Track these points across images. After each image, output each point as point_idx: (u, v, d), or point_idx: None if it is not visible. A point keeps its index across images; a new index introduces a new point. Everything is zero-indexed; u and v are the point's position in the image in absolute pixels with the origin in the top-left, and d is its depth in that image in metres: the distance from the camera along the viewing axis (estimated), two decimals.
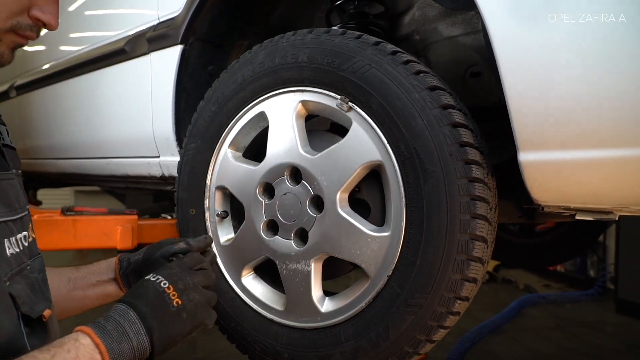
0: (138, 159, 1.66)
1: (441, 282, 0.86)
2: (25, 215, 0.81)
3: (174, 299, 0.74)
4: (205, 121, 1.17)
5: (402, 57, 0.93)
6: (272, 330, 1.07)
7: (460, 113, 0.89)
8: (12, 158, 0.84)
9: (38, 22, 0.76)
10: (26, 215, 0.81)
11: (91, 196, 6.24)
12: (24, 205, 0.81)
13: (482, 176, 0.87)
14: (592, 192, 0.79)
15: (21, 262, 0.76)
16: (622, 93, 0.70)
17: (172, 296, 0.74)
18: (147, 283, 0.76)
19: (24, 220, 0.79)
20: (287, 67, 1.03)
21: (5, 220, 0.73)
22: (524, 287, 4.86)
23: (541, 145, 0.79)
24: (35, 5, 0.75)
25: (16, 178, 0.82)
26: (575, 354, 3.10)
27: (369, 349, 0.93)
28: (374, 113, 0.92)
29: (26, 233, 0.79)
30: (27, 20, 0.75)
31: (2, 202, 0.74)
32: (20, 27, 0.75)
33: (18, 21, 0.74)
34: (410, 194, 0.89)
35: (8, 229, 0.74)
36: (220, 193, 1.18)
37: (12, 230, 0.75)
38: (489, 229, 0.89)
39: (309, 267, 1.00)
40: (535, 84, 0.77)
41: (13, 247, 0.74)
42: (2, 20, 0.72)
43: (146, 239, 1.74)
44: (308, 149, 1.02)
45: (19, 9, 0.74)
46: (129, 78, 1.64)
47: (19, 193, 0.81)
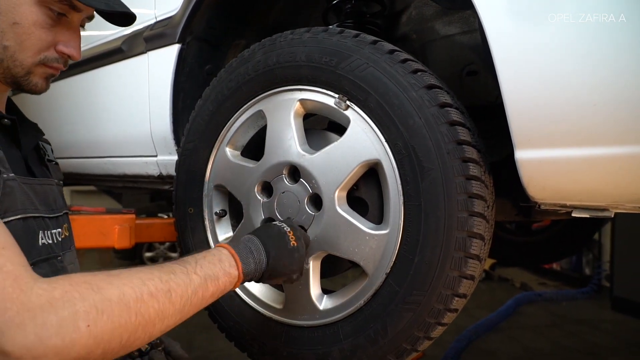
0: (135, 158, 1.66)
1: (439, 280, 0.86)
2: (61, 216, 0.94)
3: (291, 240, 0.90)
4: (203, 120, 1.17)
5: (400, 56, 0.93)
6: (270, 328, 1.07)
7: (457, 111, 0.90)
8: (54, 171, 1.01)
9: (63, 55, 0.89)
10: (62, 217, 0.94)
11: (87, 196, 6.22)
12: (60, 207, 0.95)
13: (480, 174, 0.88)
14: (588, 189, 0.80)
15: (52, 252, 0.87)
16: (618, 91, 0.71)
17: (290, 238, 0.90)
18: (272, 225, 0.92)
19: (59, 220, 0.93)
20: (285, 66, 1.03)
21: (43, 216, 0.86)
22: (520, 285, 4.89)
23: (537, 143, 0.79)
24: (60, 42, 0.87)
25: (56, 186, 0.96)
26: (572, 352, 3.12)
27: (367, 346, 0.94)
28: (372, 111, 0.93)
29: (60, 230, 0.92)
30: (54, 54, 0.87)
31: (43, 201, 0.87)
32: (48, 60, 0.87)
33: (46, 55, 0.86)
34: (408, 192, 0.89)
35: (44, 223, 0.86)
36: (218, 192, 1.18)
37: (47, 225, 0.87)
38: (486, 227, 0.89)
39: (308, 265, 1.00)
40: (531, 82, 0.78)
41: (46, 239, 0.85)
42: (32, 56, 0.85)
43: (144, 238, 1.73)
44: (306, 148, 1.02)
45: (46, 46, 0.86)
46: (126, 77, 1.63)
47: (57, 197, 0.95)
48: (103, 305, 0.59)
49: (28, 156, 0.91)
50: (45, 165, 0.98)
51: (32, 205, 0.83)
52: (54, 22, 0.86)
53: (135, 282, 0.64)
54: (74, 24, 0.90)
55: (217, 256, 0.80)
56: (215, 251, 0.82)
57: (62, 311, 0.56)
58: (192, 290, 0.72)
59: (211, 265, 0.77)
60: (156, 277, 0.67)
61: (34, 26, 0.83)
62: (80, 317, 0.57)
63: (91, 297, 0.59)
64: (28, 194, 0.82)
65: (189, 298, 0.71)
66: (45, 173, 0.95)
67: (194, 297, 0.72)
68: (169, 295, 0.67)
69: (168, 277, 0.69)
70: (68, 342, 0.56)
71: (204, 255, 0.79)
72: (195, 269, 0.74)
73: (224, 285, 0.79)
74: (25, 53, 0.84)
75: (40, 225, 0.84)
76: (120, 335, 0.61)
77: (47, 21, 0.84)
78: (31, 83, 0.87)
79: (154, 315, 0.65)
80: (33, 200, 0.84)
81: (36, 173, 0.91)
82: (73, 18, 0.89)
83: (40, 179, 0.90)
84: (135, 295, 0.63)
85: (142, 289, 0.64)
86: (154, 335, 0.66)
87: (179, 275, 0.71)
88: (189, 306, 0.71)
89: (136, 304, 0.63)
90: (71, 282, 0.60)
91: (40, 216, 0.85)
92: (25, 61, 0.84)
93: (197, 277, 0.73)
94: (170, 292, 0.68)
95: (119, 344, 0.61)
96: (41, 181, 0.90)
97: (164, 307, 0.66)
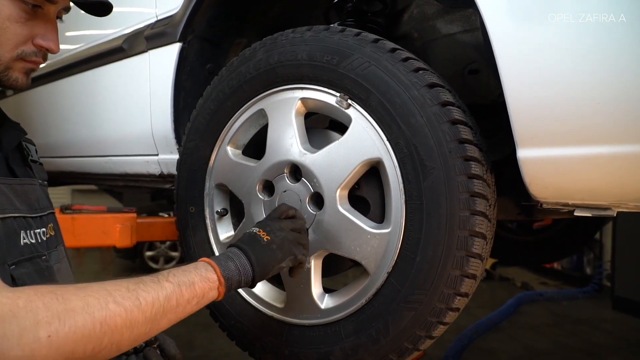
0: (137, 157, 1.66)
1: (441, 279, 0.86)
2: (46, 216, 0.93)
3: (263, 236, 0.90)
4: (205, 119, 1.17)
5: (402, 55, 0.93)
6: (272, 327, 1.07)
7: (459, 110, 0.90)
8: (38, 171, 0.99)
9: (42, 49, 0.87)
10: (47, 216, 0.93)
11: (88, 195, 6.24)
12: (45, 207, 0.93)
13: (481, 173, 0.88)
14: (590, 188, 0.80)
15: (35, 251, 0.86)
16: (622, 90, 0.71)
17: (261, 235, 0.90)
18: (243, 235, 0.93)
19: (43, 219, 0.91)
20: (286, 65, 1.03)
21: (24, 216, 0.85)
22: (521, 285, 4.88)
23: (540, 141, 0.79)
24: (37, 35, 0.85)
25: (39, 186, 0.95)
26: (572, 351, 3.12)
27: (369, 345, 0.93)
28: (374, 110, 0.92)
29: (45, 229, 0.90)
30: (31, 47, 0.86)
31: (24, 201, 0.86)
32: (26, 55, 0.85)
33: (23, 50, 0.85)
34: (410, 191, 0.89)
35: (26, 223, 0.85)
36: (219, 191, 1.18)
37: (30, 224, 0.85)
38: (488, 226, 0.89)
39: (309, 264, 1.00)
40: (534, 80, 0.78)
41: (29, 238, 0.84)
42: (9, 51, 0.83)
43: (145, 237, 1.74)
44: (307, 147, 1.02)
45: (22, 40, 0.84)
46: (127, 76, 1.63)
47: (40, 197, 0.93)
48: (66, 316, 0.58)
49: (9, 156, 0.90)
50: (29, 165, 0.96)
51: (12, 205, 0.82)
52: (29, 16, 0.84)
53: (101, 293, 0.63)
54: (50, 16, 0.88)
55: (192, 265, 0.80)
56: (191, 264, 0.81)
57: (24, 321, 0.55)
58: (165, 297, 0.70)
59: (185, 272, 0.76)
60: (123, 287, 0.66)
61: (9, 21, 0.81)
62: (42, 327, 0.56)
63: (54, 307, 0.58)
64: (7, 194, 0.82)
65: (161, 305, 0.69)
66: (28, 173, 0.94)
67: (166, 304, 0.70)
68: (138, 304, 0.66)
69: (136, 286, 0.68)
70: (28, 352, 0.55)
71: (179, 267, 0.78)
72: (167, 277, 0.73)
73: (201, 291, 0.77)
74: (1, 49, 0.82)
75: (22, 225, 0.83)
76: (84, 346, 0.60)
77: (22, 15, 0.82)
78: (11, 78, 0.86)
79: (120, 325, 0.63)
80: (12, 200, 0.83)
81: (17, 173, 0.90)
82: (49, 10, 0.87)
83: (21, 179, 0.89)
84: (100, 305, 0.62)
85: (107, 298, 0.63)
86: (122, 344, 0.65)
87: (148, 284, 0.70)
88: (162, 314, 0.69)
89: (100, 312, 0.61)
90: (37, 292, 0.59)
91: (21, 216, 0.84)
92: (3, 57, 0.83)
93: (169, 284, 0.72)
94: (139, 299, 0.66)
95: (83, 354, 0.60)
96: (22, 181, 0.89)
97: (132, 316, 0.65)
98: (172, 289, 0.72)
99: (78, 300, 0.60)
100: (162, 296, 0.70)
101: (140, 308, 0.66)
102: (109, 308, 0.63)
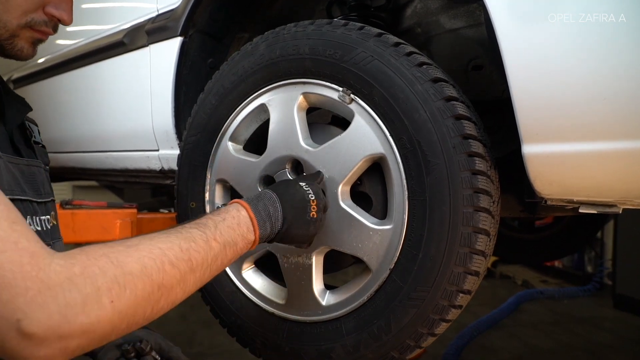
0: (137, 153, 1.65)
1: (444, 275, 0.85)
2: (49, 202, 0.89)
3: (312, 211, 0.87)
4: (206, 114, 1.16)
5: (405, 49, 0.92)
6: (273, 324, 1.07)
7: (463, 105, 0.89)
8: (41, 154, 0.93)
9: (53, 18, 0.81)
10: (50, 203, 0.89)
11: (89, 191, 6.22)
12: (48, 193, 0.89)
13: (485, 169, 0.87)
14: (596, 184, 0.79)
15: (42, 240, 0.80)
16: (628, 86, 0.69)
17: (312, 208, 0.88)
18: (299, 187, 0.89)
19: (47, 206, 0.87)
20: (288, 59, 1.02)
21: (31, 200, 0.80)
22: (522, 283, 4.88)
23: (545, 137, 0.78)
24: (49, 3, 0.79)
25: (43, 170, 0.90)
26: (573, 349, 3.11)
27: (370, 342, 0.93)
28: (377, 105, 0.91)
29: (49, 217, 0.86)
30: (42, 16, 0.80)
31: (30, 184, 0.82)
32: (35, 23, 0.79)
33: (32, 17, 0.79)
34: (413, 187, 0.88)
35: (32, 208, 0.80)
36: (220, 186, 1.17)
37: (35, 210, 0.81)
38: (491, 222, 0.88)
39: (310, 261, 0.99)
40: (540, 75, 0.76)
41: (35, 225, 0.80)
42: (17, 17, 0.77)
43: (145, 232, 1.73)
44: (309, 142, 1.01)
45: (33, 7, 0.78)
46: (128, 71, 1.62)
47: (45, 181, 0.89)
48: (125, 280, 0.57)
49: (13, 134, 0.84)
50: (32, 147, 0.91)
51: (19, 187, 0.78)
52: None
53: (155, 253, 0.62)
54: None
55: (236, 219, 0.78)
56: (234, 212, 0.79)
57: (84, 288, 0.54)
58: (212, 258, 0.71)
59: (230, 230, 0.76)
60: (176, 245, 0.66)
61: None
62: (104, 293, 0.55)
63: (112, 272, 0.56)
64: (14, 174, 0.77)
65: (209, 265, 0.70)
66: (31, 155, 0.88)
67: (213, 264, 0.71)
68: (190, 264, 0.66)
69: (188, 245, 0.67)
70: (94, 319, 0.54)
71: (223, 217, 0.77)
72: (215, 235, 0.73)
73: (241, 250, 0.78)
74: (10, 14, 0.76)
75: (28, 209, 0.79)
76: (144, 308, 0.60)
77: None
78: (16, 47, 0.80)
79: (175, 285, 0.64)
80: (20, 181, 0.78)
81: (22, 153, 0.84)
82: None
83: (27, 160, 0.84)
84: (157, 267, 0.61)
85: (163, 259, 0.62)
86: (176, 301, 0.66)
87: (199, 243, 0.69)
88: (209, 273, 0.71)
89: (158, 275, 0.61)
90: (89, 256, 0.57)
91: (28, 200, 0.79)
92: (10, 23, 0.77)
93: (216, 244, 0.72)
94: (191, 260, 0.67)
95: (143, 317, 0.60)
96: (28, 162, 0.84)
97: (185, 276, 0.65)
98: (219, 250, 0.72)
99: (134, 262, 0.59)
100: (210, 257, 0.70)
101: (192, 268, 0.67)
102: (166, 270, 0.62)
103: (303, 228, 0.87)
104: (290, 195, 0.87)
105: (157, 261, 0.62)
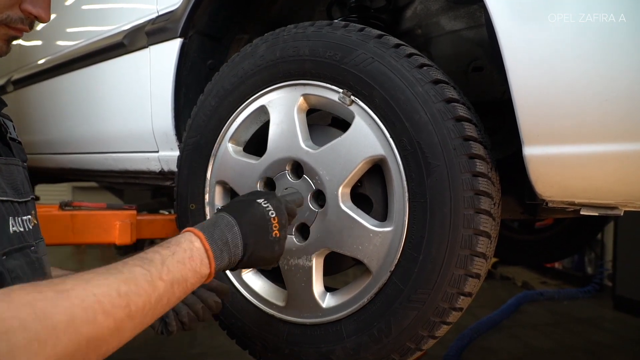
0: (137, 154, 1.65)
1: (444, 278, 0.85)
2: (29, 202, 0.85)
3: (274, 230, 0.81)
4: (206, 115, 1.16)
5: (406, 50, 0.92)
6: (272, 326, 1.06)
7: (463, 107, 0.89)
8: (18, 151, 0.88)
9: (30, 16, 0.78)
10: (30, 202, 0.85)
11: (89, 192, 6.22)
12: (28, 192, 0.86)
13: (486, 171, 0.86)
14: (597, 186, 0.78)
15: (24, 241, 0.79)
16: (630, 87, 0.69)
17: (274, 227, 0.81)
18: (257, 206, 0.82)
19: (27, 206, 0.84)
20: (288, 60, 1.02)
21: (12, 201, 0.77)
22: (522, 284, 4.87)
23: (547, 139, 0.78)
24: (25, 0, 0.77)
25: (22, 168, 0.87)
26: (573, 350, 3.11)
27: (370, 345, 0.92)
28: (377, 107, 0.91)
29: (30, 217, 0.83)
30: (18, 13, 0.77)
31: (10, 184, 0.79)
32: (11, 20, 0.76)
33: (8, 15, 0.76)
34: (413, 189, 0.88)
35: (14, 208, 0.77)
36: (220, 188, 1.17)
37: (17, 211, 0.78)
38: (492, 224, 0.88)
39: (310, 263, 0.99)
40: (541, 77, 0.76)
41: (17, 226, 0.77)
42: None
43: (145, 234, 1.72)
44: (310, 143, 1.01)
45: (9, 3, 0.75)
46: (127, 72, 1.62)
47: (24, 180, 0.85)
48: (47, 335, 0.50)
49: None
50: (7, 143, 0.86)
51: None
52: None
53: (88, 302, 0.55)
54: None
55: (188, 252, 0.70)
56: (186, 244, 0.71)
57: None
58: (156, 299, 0.63)
59: (180, 265, 0.68)
60: (113, 290, 0.58)
61: None
62: (20, 352, 0.48)
63: (33, 326, 0.49)
64: None
65: (152, 307, 0.63)
66: (7, 152, 0.84)
67: (157, 305, 0.64)
68: (128, 310, 0.59)
69: (128, 288, 0.60)
70: None
71: (173, 251, 0.69)
72: (161, 273, 0.65)
73: (192, 286, 0.70)
74: None
75: (10, 210, 0.75)
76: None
77: None
78: None
79: (108, 336, 0.56)
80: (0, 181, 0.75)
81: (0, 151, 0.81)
82: None
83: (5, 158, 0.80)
84: (88, 318, 0.54)
85: (95, 308, 0.55)
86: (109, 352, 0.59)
87: (141, 285, 0.62)
88: (151, 315, 0.63)
89: (88, 327, 0.54)
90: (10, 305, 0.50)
91: (9, 200, 0.76)
92: None
93: (162, 284, 0.64)
94: (130, 306, 0.59)
95: None
96: (6, 160, 0.80)
97: (122, 325, 0.58)
98: (165, 289, 0.65)
99: (61, 314, 0.52)
100: (154, 298, 0.63)
101: (130, 315, 0.59)
102: (97, 321, 0.55)
103: (267, 250, 0.80)
104: (249, 216, 0.80)
105: (88, 311, 0.54)
